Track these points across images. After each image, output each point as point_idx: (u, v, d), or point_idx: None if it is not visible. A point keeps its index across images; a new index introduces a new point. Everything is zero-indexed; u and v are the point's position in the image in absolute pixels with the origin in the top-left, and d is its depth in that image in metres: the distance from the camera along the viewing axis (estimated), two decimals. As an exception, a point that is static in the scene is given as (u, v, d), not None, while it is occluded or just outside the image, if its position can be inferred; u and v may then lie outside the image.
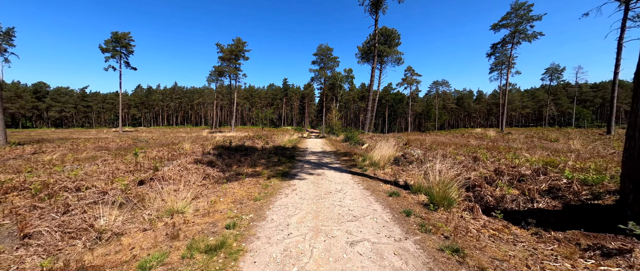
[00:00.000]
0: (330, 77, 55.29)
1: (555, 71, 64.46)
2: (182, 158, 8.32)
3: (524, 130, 33.99)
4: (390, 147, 10.53)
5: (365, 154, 10.23)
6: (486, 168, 5.54)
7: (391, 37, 40.08)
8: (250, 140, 17.20)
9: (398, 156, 9.10)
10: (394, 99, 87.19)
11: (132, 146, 14.33)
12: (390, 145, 11.46)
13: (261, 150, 13.50)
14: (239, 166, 8.59)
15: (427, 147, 11.30)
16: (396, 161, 8.33)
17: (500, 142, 14.59)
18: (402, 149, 10.62)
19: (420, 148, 11.12)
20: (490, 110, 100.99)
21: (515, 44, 31.76)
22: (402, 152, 9.76)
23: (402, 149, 10.58)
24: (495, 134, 21.39)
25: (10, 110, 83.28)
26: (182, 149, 11.17)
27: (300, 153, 11.52)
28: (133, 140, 18.20)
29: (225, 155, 9.89)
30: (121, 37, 46.25)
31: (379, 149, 10.32)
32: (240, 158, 10.03)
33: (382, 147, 10.55)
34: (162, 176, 6.09)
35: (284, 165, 8.08)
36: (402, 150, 10.32)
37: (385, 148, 10.14)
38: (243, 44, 50.95)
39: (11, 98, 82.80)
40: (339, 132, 35.76)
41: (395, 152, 9.59)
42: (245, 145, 14.51)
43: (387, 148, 10.33)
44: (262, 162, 8.74)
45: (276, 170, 7.32)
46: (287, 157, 10.04)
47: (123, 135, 35.29)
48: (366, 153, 10.35)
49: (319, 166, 7.94)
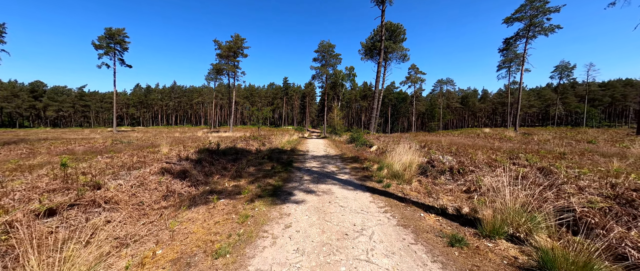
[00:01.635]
0: (332, 75, 53.35)
1: (565, 69, 62.18)
2: (151, 166, 6.48)
3: (538, 130, 31.96)
4: (409, 150, 8.64)
5: (379, 160, 8.34)
6: (576, 188, 3.64)
7: (396, 32, 38.10)
8: (244, 142, 15.33)
9: (423, 163, 7.21)
10: (396, 98, 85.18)
11: (109, 148, 12.51)
12: (407, 147, 9.58)
13: (256, 153, 11.65)
14: (221, 176, 6.74)
15: (451, 151, 9.39)
16: (422, 171, 6.43)
17: (531, 144, 12.66)
18: (424, 154, 8.71)
19: (444, 151, 9.21)
20: (495, 109, 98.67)
21: (530, 38, 29.72)
22: (425, 157, 7.85)
23: (423, 153, 8.67)
24: (514, 134, 19.43)
25: (6, 109, 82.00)
26: (161, 152, 9.32)
27: (300, 158, 9.63)
28: (113, 142, 16.40)
29: (208, 160, 8.04)
30: (115, 33, 44.52)
31: (395, 154, 8.44)
32: (226, 164, 8.18)
33: (399, 151, 8.66)
34: (104, 196, 4.24)
35: (277, 176, 6.20)
36: (424, 154, 8.41)
37: (404, 153, 8.25)
38: (242, 40, 49.09)
39: (7, 98, 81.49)
40: (342, 132, 33.84)
41: (418, 157, 7.70)
42: (236, 147, 12.64)
43: (405, 152, 8.45)
44: (251, 171, 6.87)
45: (266, 184, 5.45)
46: (283, 164, 8.16)
47: (115, 135, 33.61)
48: (381, 159, 8.46)
49: (323, 177, 6.06)
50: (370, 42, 39.24)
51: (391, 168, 6.72)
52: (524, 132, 23.47)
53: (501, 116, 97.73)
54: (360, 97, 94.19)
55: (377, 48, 37.87)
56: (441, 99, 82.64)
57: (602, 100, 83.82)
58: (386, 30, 37.35)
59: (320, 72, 50.74)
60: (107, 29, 43.87)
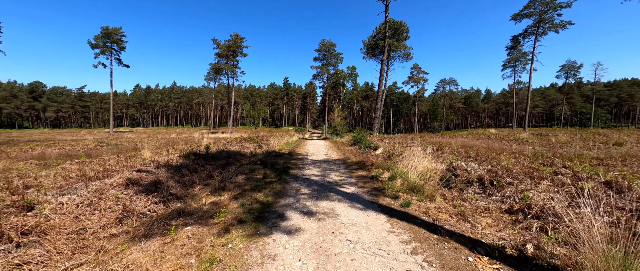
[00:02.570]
0: (333, 75, 52.30)
1: (571, 68, 60.79)
2: (119, 175, 5.40)
3: (549, 131, 30.68)
4: (423, 155, 7.52)
5: (389, 166, 7.21)
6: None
7: (399, 30, 36.96)
8: (238, 144, 14.24)
9: (442, 171, 6.08)
10: (398, 98, 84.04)
11: (88, 152, 11.45)
12: (419, 151, 8.45)
13: (250, 156, 10.56)
14: (204, 186, 5.64)
15: (470, 155, 8.25)
16: (445, 182, 5.30)
17: (552, 146, 11.48)
18: (441, 159, 7.58)
19: (462, 156, 8.08)
20: (498, 109, 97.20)
21: (540, 36, 28.50)
22: (443, 163, 6.73)
23: (440, 158, 7.53)
24: (527, 135, 18.23)
25: (5, 110, 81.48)
26: (142, 157, 8.24)
27: (298, 163, 8.52)
28: (98, 143, 15.35)
29: (191, 167, 6.94)
30: (112, 32, 43.67)
31: (407, 159, 7.32)
32: (213, 171, 7.08)
33: (413, 156, 7.54)
34: (24, 225, 3.15)
35: (268, 188, 5.09)
36: (441, 160, 7.28)
37: (417, 158, 7.13)
38: (241, 39, 48.13)
39: (6, 98, 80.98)
40: (343, 133, 32.67)
41: (435, 163, 6.57)
42: (229, 150, 11.55)
43: (418, 157, 7.33)
44: (238, 181, 5.76)
45: (252, 200, 4.34)
46: (279, 171, 7.06)
47: (110, 136, 32.67)
48: (390, 165, 7.33)
49: (324, 190, 4.95)
50: (373, 41, 38.13)
51: (406, 178, 5.59)
52: (536, 132, 22.23)
53: (505, 116, 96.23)
54: (361, 98, 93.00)
55: (379, 46, 36.76)
56: (444, 99, 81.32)
57: (608, 100, 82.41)
58: (389, 28, 36.24)
59: (321, 72, 49.66)
60: (103, 28, 42.99)
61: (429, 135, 28.84)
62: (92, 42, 42.46)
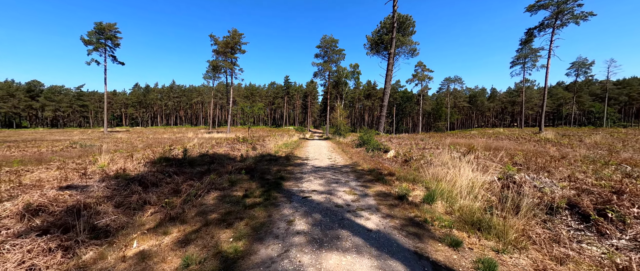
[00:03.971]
0: (334, 72, 50.49)
1: (582, 65, 58.50)
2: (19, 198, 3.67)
3: (567, 130, 28.73)
4: (456, 161, 5.74)
5: (415, 177, 5.42)
6: None
7: (405, 24, 35.07)
8: (229, 145, 12.49)
9: (492, 183, 4.29)
10: (402, 97, 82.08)
11: (51, 155, 9.75)
12: (445, 154, 6.68)
13: (240, 161, 8.80)
14: (161, 208, 3.90)
15: (514, 162, 6.44)
16: (514, 206, 3.48)
17: (597, 148, 9.64)
18: (480, 166, 5.75)
19: (506, 162, 6.27)
20: (504, 108, 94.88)
21: (557, 28, 26.52)
22: (493, 174, 4.92)
23: (479, 166, 5.71)
24: (553, 135, 16.34)
25: (2, 109, 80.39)
26: (98, 164, 6.51)
27: (295, 172, 6.74)
28: (71, 144, 13.64)
29: (152, 179, 5.19)
30: (106, 28, 42.07)
31: (436, 166, 5.57)
32: (182, 183, 5.32)
33: (441, 162, 5.78)
34: None
35: (246, 219, 3.31)
36: (480, 167, 5.47)
37: (454, 166, 5.35)
38: (239, 35, 46.41)
39: (3, 97, 79.88)
40: (346, 132, 30.83)
41: (479, 172, 4.77)
42: (217, 153, 9.80)
43: (451, 163, 5.57)
44: (208, 203, 4.00)
45: (211, 247, 2.57)
46: (268, 184, 5.29)
47: (103, 137, 31.10)
48: (416, 176, 5.53)
49: (332, 225, 3.15)
50: (377, 36, 36.31)
51: (450, 199, 3.80)
52: (560, 132, 20.23)
53: (511, 115, 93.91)
54: (363, 96, 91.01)
55: (384, 41, 34.90)
56: (449, 98, 79.22)
57: (618, 99, 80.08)
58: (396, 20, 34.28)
59: (323, 69, 47.83)
60: (97, 24, 41.41)
61: (439, 135, 26.98)
62: (85, 38, 40.88)
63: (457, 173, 5.01)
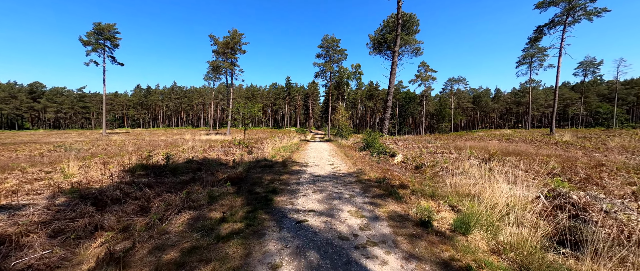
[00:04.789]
0: (336, 72, 49.60)
1: (590, 65, 57.05)
2: None
3: (579, 131, 27.53)
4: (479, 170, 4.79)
5: (434, 190, 4.47)
6: None
7: (409, 23, 34.10)
8: (223, 149, 11.61)
9: (537, 202, 3.34)
10: (404, 98, 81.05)
11: (35, 160, 8.91)
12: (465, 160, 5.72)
13: (232, 167, 7.91)
14: (112, 239, 3.01)
15: (551, 171, 5.46)
16: (572, 239, 2.53)
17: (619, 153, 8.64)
18: (511, 178, 4.77)
19: (542, 172, 5.28)
20: (509, 109, 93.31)
21: (569, 25, 25.41)
22: (533, 188, 3.95)
23: (505, 175, 4.73)
24: (571, 138, 15.26)
25: (4, 111, 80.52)
26: (64, 173, 5.64)
27: (291, 182, 5.82)
28: (55, 147, 12.80)
29: (114, 195, 4.31)
30: (105, 29, 41.57)
31: (455, 175, 4.63)
32: (154, 198, 4.43)
33: (461, 169, 4.84)
34: None
35: (214, 262, 2.39)
36: (509, 178, 4.50)
37: (482, 177, 4.42)
38: (240, 35, 45.76)
39: (5, 99, 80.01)
40: (348, 134, 29.85)
41: (520, 189, 3.80)
42: (206, 158, 8.91)
43: (477, 173, 4.63)
44: (172, 231, 3.09)
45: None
46: (256, 200, 4.37)
47: (99, 139, 30.46)
48: (434, 188, 4.59)
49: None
50: (380, 35, 35.39)
51: (491, 228, 2.85)
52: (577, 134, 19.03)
53: (515, 116, 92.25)
54: (366, 97, 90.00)
55: (387, 40, 33.97)
56: (452, 99, 77.92)
57: (626, 99, 78.43)
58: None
59: (324, 69, 46.95)
60: (95, 24, 40.90)
61: (446, 137, 25.94)
62: (84, 39, 40.39)
63: (488, 187, 4.06)
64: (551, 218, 3.23)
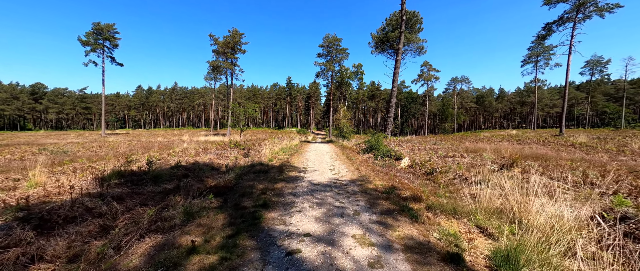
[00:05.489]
0: (337, 71, 48.84)
1: (597, 64, 55.81)
2: None
3: (587, 132, 26.57)
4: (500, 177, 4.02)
5: (455, 205, 3.72)
6: None
7: (412, 20, 33.29)
8: (216, 152, 10.91)
9: (592, 224, 2.58)
10: (406, 98, 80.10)
11: (9, 165, 8.27)
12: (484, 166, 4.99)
13: (224, 172, 7.22)
14: None
15: (584, 179, 4.69)
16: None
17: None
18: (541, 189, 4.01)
19: (575, 181, 4.52)
20: (513, 109, 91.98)
21: (579, 21, 24.49)
22: (587, 206, 3.20)
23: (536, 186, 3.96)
24: (586, 139, 14.41)
25: (6, 112, 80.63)
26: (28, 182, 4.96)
27: (285, 193, 5.09)
28: (39, 150, 12.18)
29: (85, 208, 3.60)
30: (104, 29, 41.16)
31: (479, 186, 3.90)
32: (122, 213, 3.72)
33: (485, 178, 4.10)
34: None
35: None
36: (546, 188, 3.74)
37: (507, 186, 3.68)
38: (240, 35, 45.19)
39: (7, 100, 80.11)
40: (350, 134, 29.07)
41: (570, 208, 3.04)
42: (198, 163, 8.21)
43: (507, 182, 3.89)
44: (128, 267, 2.34)
45: None
46: (241, 218, 3.66)
47: (95, 140, 29.99)
48: (455, 203, 3.84)
49: None
50: (382, 33, 34.59)
51: (546, 264, 2.10)
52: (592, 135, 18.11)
53: (521, 117, 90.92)
54: (367, 97, 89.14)
55: (390, 39, 33.19)
56: (455, 99, 76.83)
57: (634, 98, 76.95)
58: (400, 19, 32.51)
59: (326, 68, 46.22)
60: (95, 24, 40.49)
61: (451, 138, 25.10)
62: (83, 39, 40.00)
63: (522, 202, 3.31)
64: (617, 249, 2.48)
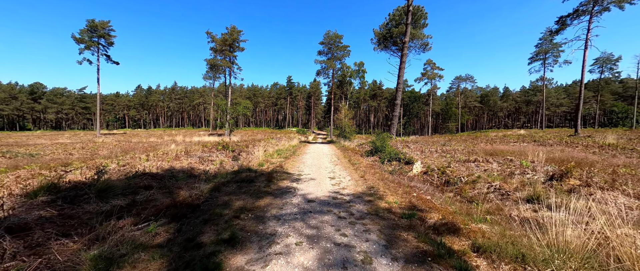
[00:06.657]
0: (339, 70, 47.41)
1: (608, 61, 54.00)
2: None
3: (604, 132, 25.06)
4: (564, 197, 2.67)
5: (516, 241, 2.36)
6: None
7: (417, 15, 31.86)
8: (200, 156, 9.61)
9: None
10: (409, 97, 78.53)
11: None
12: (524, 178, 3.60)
13: (205, 181, 5.93)
14: None
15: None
16: None
17: None
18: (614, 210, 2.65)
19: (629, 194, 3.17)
20: (518, 108, 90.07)
21: (596, 14, 22.99)
22: None
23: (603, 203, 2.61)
24: (615, 139, 13.01)
25: (4, 112, 79.99)
26: None
27: (266, 218, 3.74)
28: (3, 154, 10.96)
29: None
30: (99, 26, 40.02)
31: (525, 208, 2.49)
32: (15, 253, 2.45)
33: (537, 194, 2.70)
34: None
35: None
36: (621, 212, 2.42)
37: (584, 210, 2.29)
38: (238, 32, 43.95)
39: (6, 100, 79.49)
40: (352, 135, 27.76)
41: None
42: (174, 168, 6.93)
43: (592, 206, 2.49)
44: None
45: None
46: (187, 268, 2.32)
47: (88, 141, 28.90)
48: (511, 235, 2.49)
49: None
50: (386, 29, 33.18)
51: None
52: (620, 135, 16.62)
53: (526, 116, 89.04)
54: (369, 97, 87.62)
55: (393, 35, 31.78)
56: (459, 98, 75.17)
57: (643, 97, 74.95)
58: (404, 14, 31.15)
59: (326, 66, 44.81)
60: (89, 21, 39.34)
61: (459, 138, 23.67)
62: (77, 37, 38.89)
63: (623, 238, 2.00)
64: None
